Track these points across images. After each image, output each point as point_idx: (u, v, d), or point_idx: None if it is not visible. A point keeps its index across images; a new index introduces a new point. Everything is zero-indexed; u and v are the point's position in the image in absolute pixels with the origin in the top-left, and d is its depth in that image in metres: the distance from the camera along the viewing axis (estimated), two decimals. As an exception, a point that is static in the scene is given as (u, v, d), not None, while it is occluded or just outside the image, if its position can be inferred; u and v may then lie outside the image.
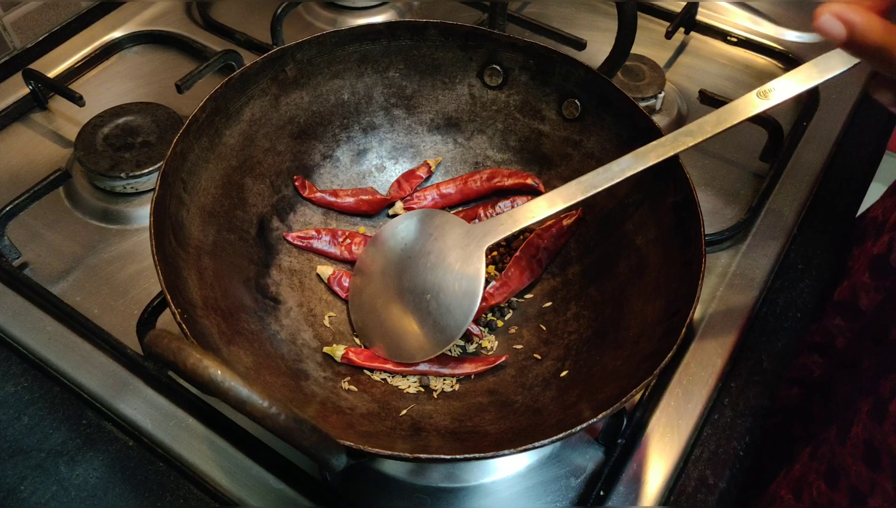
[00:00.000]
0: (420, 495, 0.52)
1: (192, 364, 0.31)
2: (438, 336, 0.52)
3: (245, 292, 0.53)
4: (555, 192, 0.52)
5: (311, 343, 0.54)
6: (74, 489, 0.51)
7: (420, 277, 0.54)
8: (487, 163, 0.63)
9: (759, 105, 0.51)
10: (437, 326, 0.52)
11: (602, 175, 0.52)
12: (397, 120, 0.63)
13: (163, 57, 0.81)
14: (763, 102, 0.51)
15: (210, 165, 0.54)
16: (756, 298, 0.61)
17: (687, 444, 0.54)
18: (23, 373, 0.57)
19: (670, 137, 0.51)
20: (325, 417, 0.47)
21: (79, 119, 0.71)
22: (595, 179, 0.52)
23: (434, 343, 0.52)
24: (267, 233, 0.57)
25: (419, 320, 0.53)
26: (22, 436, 0.53)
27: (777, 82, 0.51)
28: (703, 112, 0.74)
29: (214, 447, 0.53)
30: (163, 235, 0.47)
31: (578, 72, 0.57)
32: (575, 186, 0.52)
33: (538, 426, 0.47)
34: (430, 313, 0.53)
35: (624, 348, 0.50)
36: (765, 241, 0.65)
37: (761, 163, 0.72)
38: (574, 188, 0.52)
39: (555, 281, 0.58)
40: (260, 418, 0.31)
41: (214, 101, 0.53)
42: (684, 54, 0.83)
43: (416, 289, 0.54)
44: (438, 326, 0.52)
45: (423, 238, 0.55)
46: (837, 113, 0.76)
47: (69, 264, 0.63)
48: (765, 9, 0.86)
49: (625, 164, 0.52)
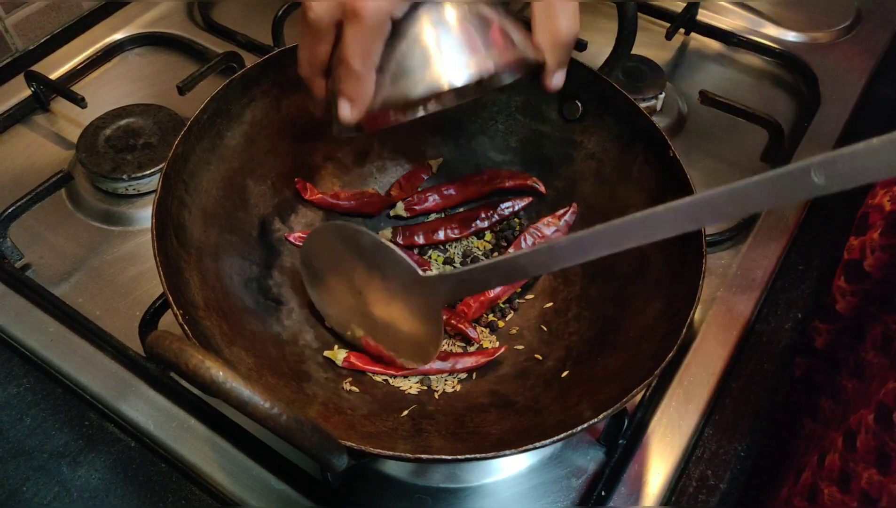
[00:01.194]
0: (421, 495, 0.52)
1: (193, 365, 0.31)
2: (406, 360, 0.52)
3: (247, 294, 0.53)
4: (521, 254, 0.44)
5: (312, 344, 0.54)
6: (76, 490, 0.51)
7: (374, 310, 0.51)
8: (488, 164, 0.63)
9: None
10: (402, 353, 0.52)
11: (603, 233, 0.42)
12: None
13: (164, 59, 0.81)
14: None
15: (211, 167, 0.54)
16: (757, 298, 0.61)
17: (688, 445, 0.54)
18: (25, 374, 0.57)
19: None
20: (327, 418, 0.47)
21: (80, 121, 0.72)
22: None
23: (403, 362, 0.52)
24: (268, 234, 0.58)
25: (386, 339, 0.53)
26: (24, 437, 0.53)
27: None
28: (703, 113, 0.75)
29: (216, 448, 0.53)
30: (165, 236, 0.47)
31: (579, 72, 0.57)
32: (546, 250, 0.43)
33: (539, 427, 0.47)
34: (395, 341, 0.52)
35: (625, 348, 0.50)
36: (765, 241, 0.65)
37: (762, 164, 0.72)
38: (546, 255, 0.43)
39: (555, 282, 0.58)
40: (262, 419, 0.32)
41: (216, 102, 0.53)
42: (685, 55, 0.83)
43: (375, 320, 0.52)
44: (404, 353, 0.52)
45: (370, 270, 0.50)
46: (838, 114, 0.76)
47: (71, 265, 0.63)
48: (765, 10, 0.86)
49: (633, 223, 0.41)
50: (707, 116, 0.75)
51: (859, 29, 0.85)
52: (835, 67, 0.80)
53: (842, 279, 0.61)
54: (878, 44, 0.83)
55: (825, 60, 0.81)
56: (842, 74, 0.79)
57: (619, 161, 0.57)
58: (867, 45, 0.83)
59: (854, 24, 0.85)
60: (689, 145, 0.73)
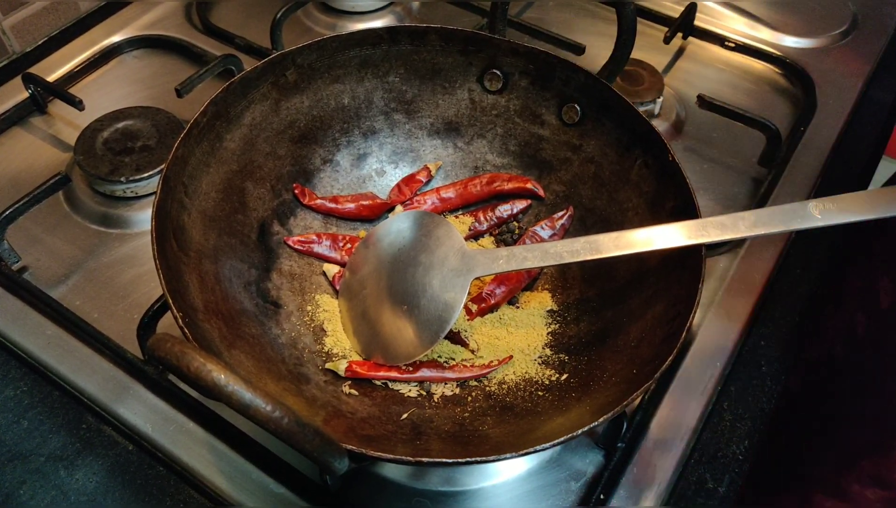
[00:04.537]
0: (420, 499, 0.52)
1: (195, 368, 0.31)
2: (407, 349, 0.52)
3: (246, 296, 0.53)
4: (561, 243, 0.50)
5: (311, 347, 0.54)
6: (74, 493, 0.51)
7: (403, 285, 0.54)
8: (487, 167, 0.64)
9: (804, 221, 0.45)
10: (408, 336, 0.52)
11: (615, 240, 0.49)
12: (397, 124, 0.63)
13: (162, 61, 0.81)
14: (814, 217, 0.45)
15: (211, 170, 0.54)
16: (755, 302, 0.62)
17: (686, 448, 0.54)
18: (22, 377, 0.56)
19: (698, 223, 0.48)
20: (327, 421, 0.47)
21: (78, 123, 0.71)
22: (606, 242, 0.49)
23: (402, 354, 0.52)
24: (267, 237, 0.57)
25: (396, 324, 0.53)
26: (21, 440, 0.53)
27: (835, 202, 0.45)
28: (701, 117, 0.75)
29: (214, 451, 0.52)
30: (164, 239, 0.47)
31: (579, 77, 0.58)
32: (583, 242, 0.49)
33: (539, 430, 0.47)
34: (405, 323, 0.53)
35: (624, 352, 0.50)
36: (763, 245, 0.65)
37: (759, 167, 0.72)
38: (582, 244, 0.49)
39: (555, 285, 0.58)
40: (264, 421, 0.31)
41: (215, 105, 0.53)
42: (682, 59, 0.84)
43: (397, 296, 0.54)
44: (409, 337, 0.52)
45: (418, 246, 0.55)
46: (835, 118, 0.76)
47: (69, 268, 0.63)
48: (763, 14, 0.87)
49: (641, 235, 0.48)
50: (705, 120, 0.76)
51: (856, 34, 0.86)
52: (831, 72, 0.80)
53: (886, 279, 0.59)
54: (875, 49, 0.84)
55: (822, 65, 0.81)
56: (838, 79, 0.80)
57: (618, 165, 0.58)
58: (863, 49, 0.84)
59: (850, 30, 0.86)
60: (687, 149, 0.74)
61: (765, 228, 0.47)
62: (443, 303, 0.51)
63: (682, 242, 0.47)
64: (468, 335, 0.55)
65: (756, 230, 0.47)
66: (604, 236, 0.49)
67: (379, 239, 0.57)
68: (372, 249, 0.57)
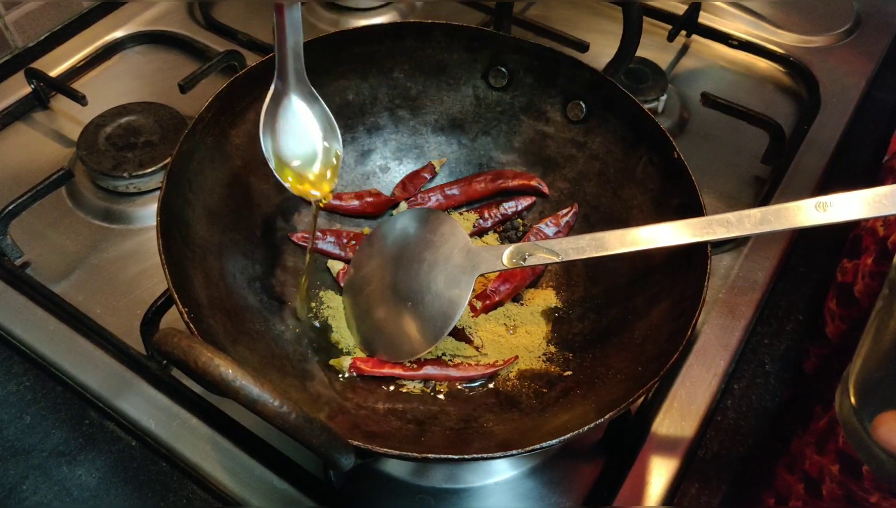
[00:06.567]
0: (422, 496, 0.51)
1: (203, 363, 0.31)
2: (411, 345, 0.52)
3: (250, 292, 0.53)
4: (566, 240, 0.50)
5: (316, 343, 0.54)
6: (76, 489, 0.51)
7: (407, 281, 0.54)
8: (492, 164, 0.63)
9: (811, 218, 0.45)
10: (412, 333, 0.52)
11: (620, 237, 0.48)
12: (402, 121, 0.63)
13: (165, 57, 0.81)
14: (819, 214, 0.45)
15: (215, 165, 0.54)
16: (758, 300, 0.62)
17: (690, 446, 0.54)
18: (25, 372, 0.56)
19: (703, 221, 0.47)
20: (331, 417, 0.47)
21: (81, 119, 0.71)
22: (611, 239, 0.48)
23: (406, 351, 0.52)
24: (272, 233, 0.57)
25: (400, 321, 0.53)
26: (23, 435, 0.53)
27: (837, 198, 0.45)
28: (705, 114, 0.75)
29: (218, 447, 0.52)
30: (169, 234, 0.47)
31: (584, 74, 0.58)
32: (588, 239, 0.49)
33: (543, 427, 0.47)
34: (409, 319, 0.52)
35: (629, 349, 0.50)
36: (767, 244, 0.65)
37: (763, 166, 0.72)
38: (587, 241, 0.49)
39: (559, 282, 0.58)
40: (271, 417, 0.31)
41: (220, 100, 0.53)
42: (686, 57, 0.84)
43: (401, 293, 0.54)
44: (413, 334, 0.52)
45: (422, 243, 0.55)
46: (838, 117, 0.76)
47: (71, 263, 0.63)
48: (766, 12, 0.87)
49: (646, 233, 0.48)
50: (708, 118, 0.75)
51: (859, 33, 0.86)
52: (835, 70, 0.80)
53: (833, 302, 0.61)
54: (878, 47, 0.84)
55: (825, 64, 0.81)
56: (842, 77, 0.80)
57: (623, 162, 0.57)
58: (867, 48, 0.84)
59: (854, 28, 0.86)
60: (691, 147, 0.73)
61: (770, 225, 0.46)
62: (447, 300, 0.51)
63: (687, 239, 0.47)
64: (472, 332, 0.55)
65: (762, 228, 0.46)
66: (609, 233, 0.49)
67: (383, 236, 0.57)
68: (376, 245, 0.57)
